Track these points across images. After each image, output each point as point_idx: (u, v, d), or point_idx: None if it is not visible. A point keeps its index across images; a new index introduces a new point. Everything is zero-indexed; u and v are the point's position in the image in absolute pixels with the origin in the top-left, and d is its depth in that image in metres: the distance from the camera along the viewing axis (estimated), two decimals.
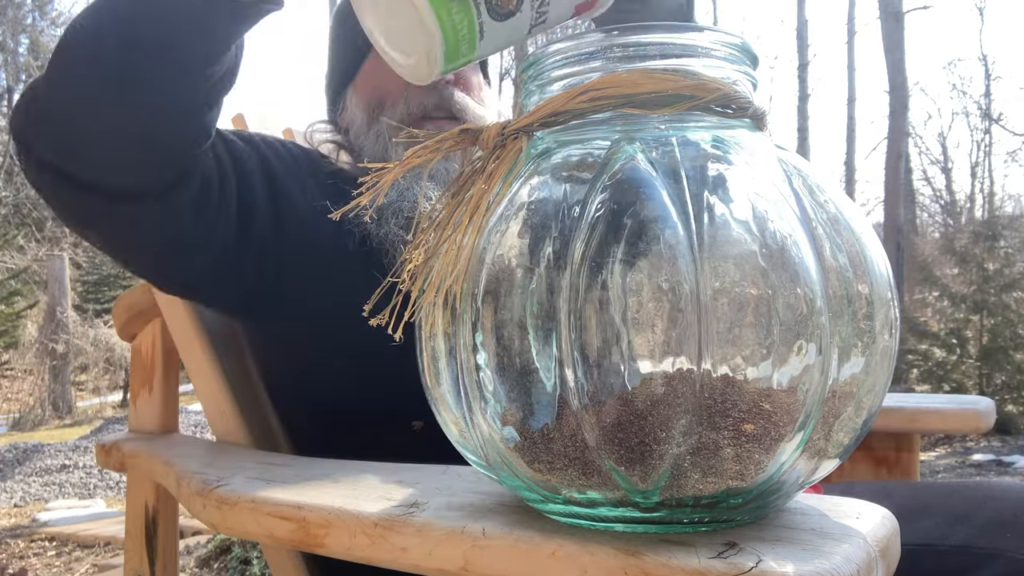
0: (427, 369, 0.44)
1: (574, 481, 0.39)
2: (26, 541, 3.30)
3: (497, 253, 0.40)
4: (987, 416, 0.98)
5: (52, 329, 7.65)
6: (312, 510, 0.50)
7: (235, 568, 2.49)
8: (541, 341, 0.38)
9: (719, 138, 0.42)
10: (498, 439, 0.40)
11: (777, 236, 0.38)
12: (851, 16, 12.21)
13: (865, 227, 0.42)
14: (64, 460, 5.39)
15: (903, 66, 8.01)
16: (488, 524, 0.43)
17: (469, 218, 0.42)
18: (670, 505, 0.39)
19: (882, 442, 1.04)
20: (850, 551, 0.36)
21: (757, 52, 0.45)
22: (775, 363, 0.37)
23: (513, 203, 0.42)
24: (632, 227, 0.38)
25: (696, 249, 0.37)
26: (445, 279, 0.41)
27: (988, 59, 14.49)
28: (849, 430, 0.41)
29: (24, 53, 14.57)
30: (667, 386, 0.36)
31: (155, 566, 0.87)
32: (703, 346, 0.36)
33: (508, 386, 0.39)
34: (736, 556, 0.36)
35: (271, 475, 0.60)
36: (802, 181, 0.41)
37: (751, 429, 0.37)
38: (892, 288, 0.42)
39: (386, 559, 0.46)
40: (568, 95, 0.42)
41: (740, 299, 0.37)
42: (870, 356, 0.39)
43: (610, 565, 0.37)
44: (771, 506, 0.41)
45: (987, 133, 14.37)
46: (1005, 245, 5.58)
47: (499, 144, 0.43)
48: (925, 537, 0.68)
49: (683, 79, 0.41)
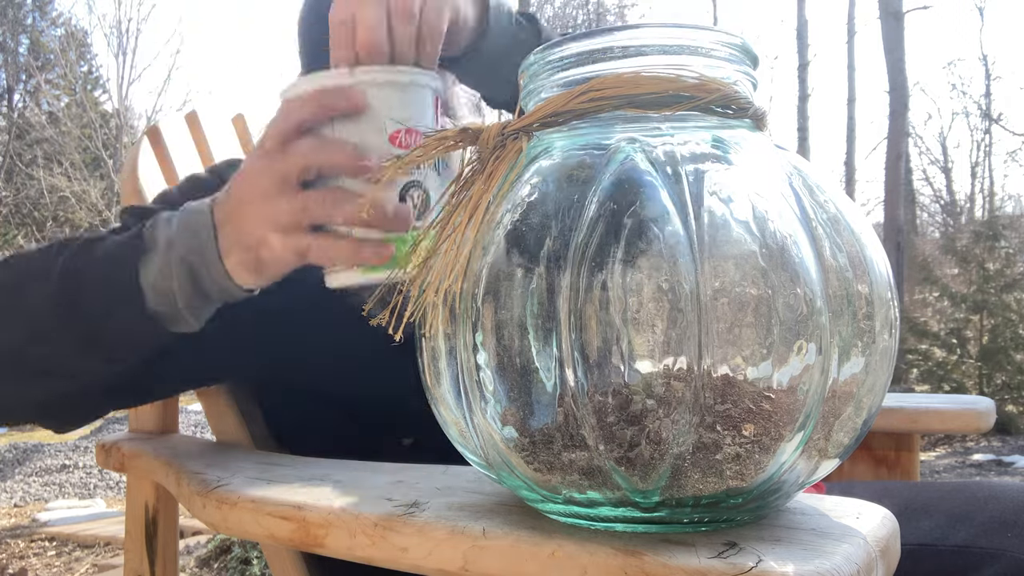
0: (427, 369, 0.44)
1: (574, 481, 0.39)
2: (26, 541, 3.30)
3: (497, 253, 0.40)
4: (987, 416, 0.98)
5: None
6: (312, 510, 0.50)
7: (235, 568, 2.49)
8: (541, 341, 0.38)
9: (719, 138, 0.42)
10: (498, 439, 0.40)
11: (777, 236, 0.38)
12: (851, 16, 12.21)
13: (865, 227, 0.42)
14: (64, 460, 5.40)
15: (903, 66, 8.01)
16: (488, 524, 0.43)
17: (469, 218, 0.42)
18: (670, 505, 0.39)
19: (882, 442, 1.04)
20: (850, 551, 0.36)
21: (757, 52, 0.45)
22: (775, 363, 0.37)
23: (513, 203, 0.42)
24: (632, 227, 0.38)
25: (696, 249, 0.37)
26: (445, 279, 0.41)
27: (988, 59, 14.48)
28: (849, 430, 0.41)
29: (24, 53, 14.58)
30: (667, 386, 0.36)
31: (155, 566, 0.87)
32: (703, 346, 0.36)
33: (508, 386, 0.39)
34: (736, 556, 0.36)
35: (271, 475, 0.60)
36: (802, 181, 0.41)
37: (751, 429, 0.37)
38: (892, 288, 0.42)
39: (386, 559, 0.46)
40: (568, 95, 0.42)
41: (740, 299, 0.37)
42: (870, 356, 0.39)
43: (610, 565, 0.37)
44: (771, 506, 0.41)
45: (987, 133, 14.37)
46: (1005, 245, 5.58)
47: (499, 144, 0.43)
48: (926, 537, 0.68)
49: (683, 79, 0.41)
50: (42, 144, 13.47)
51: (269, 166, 0.54)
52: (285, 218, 0.54)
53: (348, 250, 0.53)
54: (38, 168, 13.10)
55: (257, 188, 0.55)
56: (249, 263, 0.57)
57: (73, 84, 14.50)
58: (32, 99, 14.34)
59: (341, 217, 0.53)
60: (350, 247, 0.53)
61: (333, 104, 0.53)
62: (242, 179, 0.56)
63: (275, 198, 0.54)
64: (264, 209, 0.55)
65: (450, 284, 0.41)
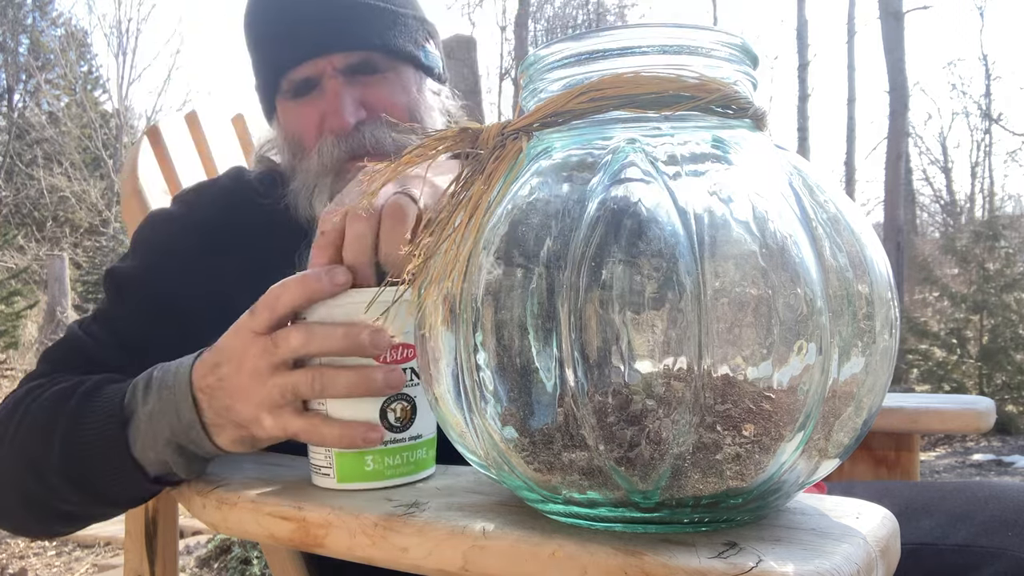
0: (427, 369, 0.44)
1: (574, 481, 0.39)
2: (26, 541, 3.30)
3: (497, 253, 0.40)
4: (987, 416, 0.98)
5: (52, 329, 7.65)
6: (312, 510, 0.50)
7: (235, 568, 2.49)
8: (541, 341, 0.38)
9: (719, 138, 0.42)
10: (498, 439, 0.40)
11: (777, 236, 0.38)
12: (851, 16, 12.20)
13: (865, 227, 0.42)
14: None
15: (903, 66, 8.00)
16: (488, 524, 0.43)
17: (469, 218, 0.42)
18: (670, 505, 0.39)
19: (882, 442, 1.04)
20: (850, 551, 0.36)
21: (757, 52, 0.45)
22: (775, 363, 0.37)
23: (513, 203, 0.42)
24: (632, 227, 0.38)
25: (696, 249, 0.37)
26: (445, 279, 0.41)
27: (988, 59, 14.46)
28: (849, 430, 0.41)
29: (24, 53, 14.58)
30: (667, 386, 0.36)
31: (155, 566, 0.87)
32: (703, 346, 0.36)
33: (508, 386, 0.39)
34: (736, 556, 0.36)
35: (271, 475, 0.60)
36: (802, 181, 0.41)
37: (751, 429, 0.37)
38: (892, 288, 0.42)
39: (386, 559, 0.46)
40: (568, 95, 0.42)
41: (740, 299, 0.37)
42: (870, 356, 0.39)
43: (610, 565, 0.37)
44: (771, 506, 0.41)
45: (987, 133, 14.36)
46: (1005, 245, 5.58)
47: (499, 144, 0.43)
48: (926, 536, 0.68)
49: (683, 79, 0.41)
50: (42, 144, 13.47)
51: (261, 349, 0.55)
52: (276, 399, 0.54)
53: (337, 432, 0.53)
54: (38, 168, 13.11)
55: (248, 368, 0.55)
56: (244, 439, 0.58)
57: (73, 84, 14.51)
58: (32, 99, 14.34)
59: (330, 393, 0.53)
60: (339, 429, 0.53)
61: (320, 289, 0.53)
62: (230, 357, 0.56)
63: (267, 379, 0.54)
64: (256, 390, 0.55)
65: (450, 284, 0.41)
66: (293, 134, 0.86)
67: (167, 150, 1.06)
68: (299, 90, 0.84)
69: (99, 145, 13.33)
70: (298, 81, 0.83)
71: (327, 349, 0.53)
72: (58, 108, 14.23)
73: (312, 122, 0.83)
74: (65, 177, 12.80)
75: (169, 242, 0.84)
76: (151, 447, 0.60)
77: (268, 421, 0.55)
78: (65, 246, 11.85)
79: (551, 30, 16.16)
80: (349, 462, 0.54)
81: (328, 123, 0.82)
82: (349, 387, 0.53)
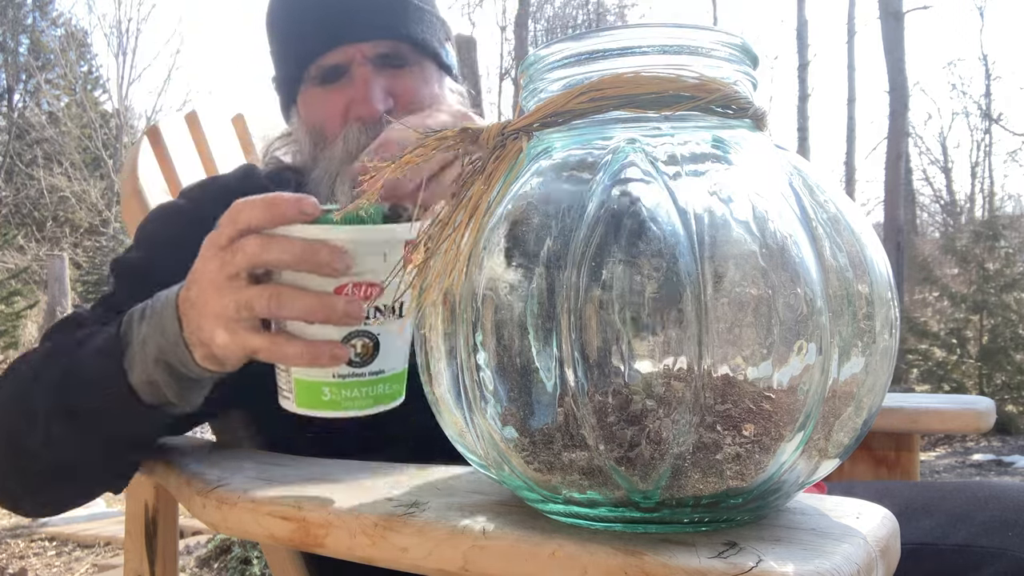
0: (426, 369, 0.44)
1: (574, 481, 0.39)
2: (26, 541, 3.30)
3: (497, 253, 0.40)
4: (987, 416, 0.98)
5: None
6: (312, 510, 0.50)
7: (235, 568, 2.49)
8: (541, 341, 0.38)
9: (719, 138, 0.42)
10: (498, 439, 0.40)
11: (777, 236, 0.38)
12: (851, 16, 12.21)
13: (865, 227, 0.42)
14: None
15: (903, 66, 8.00)
16: (488, 524, 0.43)
17: (469, 218, 0.42)
18: (670, 505, 0.39)
19: (882, 442, 1.04)
20: (850, 551, 0.36)
21: (757, 52, 0.45)
22: (775, 363, 0.37)
23: (513, 203, 0.42)
24: (632, 227, 0.38)
25: (696, 249, 0.37)
26: (445, 279, 0.41)
27: (988, 59, 14.46)
28: (849, 430, 0.41)
29: (24, 53, 14.58)
30: (667, 386, 0.36)
31: (155, 566, 0.87)
32: (703, 346, 0.36)
33: (508, 386, 0.39)
34: (736, 556, 0.36)
35: (271, 475, 0.60)
36: (802, 181, 0.41)
37: (751, 429, 0.37)
38: (892, 288, 0.42)
39: (386, 559, 0.46)
40: (568, 95, 0.42)
41: (740, 299, 0.37)
42: (870, 356, 0.39)
43: (610, 565, 0.37)
44: (771, 506, 0.41)
45: (987, 133, 14.36)
46: (1005, 245, 5.58)
47: (499, 144, 0.43)
48: (926, 536, 0.68)
49: (683, 79, 0.41)
50: (42, 144, 13.48)
51: (220, 261, 0.54)
52: (231, 313, 0.54)
53: (299, 350, 0.52)
54: (38, 168, 13.11)
55: (208, 282, 0.55)
56: (209, 356, 0.57)
57: (73, 84, 14.51)
58: (32, 99, 14.34)
59: (286, 313, 0.52)
60: (302, 347, 0.52)
61: (284, 212, 0.52)
62: (196, 272, 0.56)
63: (224, 292, 0.54)
64: (213, 304, 0.55)
65: (450, 284, 0.41)
66: (316, 122, 0.86)
67: (167, 150, 1.06)
68: (327, 77, 0.84)
69: (99, 145, 13.34)
70: (327, 68, 0.84)
71: (283, 259, 0.52)
72: (58, 108, 14.23)
73: (338, 109, 0.84)
74: (65, 177, 12.80)
75: (176, 235, 0.84)
76: (143, 369, 0.60)
77: (222, 337, 0.54)
78: (65, 246, 11.86)
79: (551, 30, 16.16)
80: (307, 389, 0.54)
81: (355, 110, 0.83)
82: (307, 310, 0.51)
